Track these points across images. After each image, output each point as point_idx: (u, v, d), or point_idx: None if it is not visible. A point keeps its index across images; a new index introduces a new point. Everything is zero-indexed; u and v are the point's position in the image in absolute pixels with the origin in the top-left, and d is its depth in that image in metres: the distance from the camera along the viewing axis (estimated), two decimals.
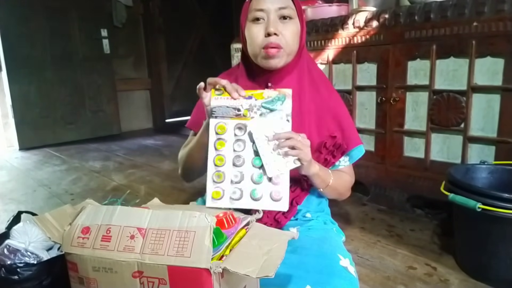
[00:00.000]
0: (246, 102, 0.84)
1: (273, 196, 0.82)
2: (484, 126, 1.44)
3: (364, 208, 1.82)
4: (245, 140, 0.84)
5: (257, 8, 0.90)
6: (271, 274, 0.58)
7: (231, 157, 0.84)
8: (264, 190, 0.82)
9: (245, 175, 0.83)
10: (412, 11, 1.52)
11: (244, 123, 0.84)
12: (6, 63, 3.36)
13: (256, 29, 0.90)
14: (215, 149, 0.84)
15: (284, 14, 0.90)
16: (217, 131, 0.84)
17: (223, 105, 0.84)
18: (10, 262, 0.93)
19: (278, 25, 0.89)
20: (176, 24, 4.67)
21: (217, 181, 0.83)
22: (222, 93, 0.84)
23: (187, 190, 2.21)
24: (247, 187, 0.83)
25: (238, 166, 0.83)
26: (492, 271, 1.18)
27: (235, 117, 0.84)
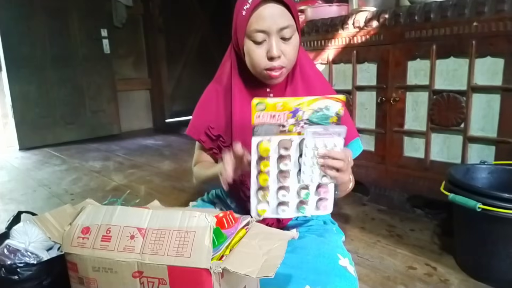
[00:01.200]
0: (292, 116, 0.77)
1: (319, 207, 0.84)
2: (484, 126, 1.44)
3: (364, 208, 1.82)
4: (290, 156, 0.80)
5: (257, 29, 0.85)
6: (271, 274, 0.58)
7: (275, 174, 0.81)
8: (310, 203, 0.84)
9: (291, 190, 0.83)
10: (412, 11, 1.52)
11: (289, 139, 0.79)
12: (6, 63, 3.36)
13: (258, 50, 0.88)
14: (257, 169, 0.80)
15: (285, 35, 0.86)
16: (260, 152, 0.79)
17: (266, 123, 0.77)
18: (10, 262, 0.93)
19: (280, 45, 0.87)
20: (176, 24, 4.67)
21: (262, 200, 0.82)
22: (264, 109, 0.76)
23: (187, 190, 2.21)
24: (294, 201, 0.83)
25: (283, 183, 0.81)
26: (492, 271, 1.18)
27: (279, 134, 0.79)
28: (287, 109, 0.76)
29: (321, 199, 0.84)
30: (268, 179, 0.81)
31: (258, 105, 0.75)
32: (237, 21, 0.91)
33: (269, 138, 0.79)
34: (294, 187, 0.83)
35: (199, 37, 4.98)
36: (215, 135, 1.02)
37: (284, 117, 0.77)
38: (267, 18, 0.84)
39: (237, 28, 0.91)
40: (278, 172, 0.81)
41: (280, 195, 0.82)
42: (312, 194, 0.83)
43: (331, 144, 0.78)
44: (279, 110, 0.76)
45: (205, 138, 1.03)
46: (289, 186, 0.82)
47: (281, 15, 0.85)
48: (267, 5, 0.84)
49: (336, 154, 0.78)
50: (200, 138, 1.04)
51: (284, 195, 0.82)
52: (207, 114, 1.03)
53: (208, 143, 1.04)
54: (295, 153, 0.81)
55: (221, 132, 1.01)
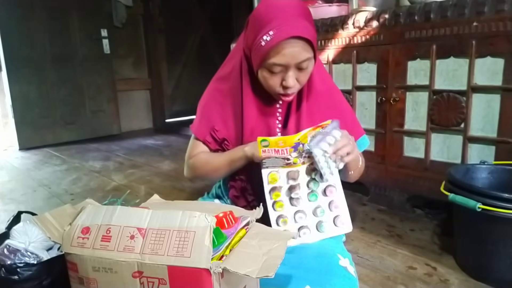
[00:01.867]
0: (294, 149, 0.86)
1: (336, 223, 0.90)
2: (484, 126, 1.44)
3: (364, 208, 1.82)
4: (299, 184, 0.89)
5: (277, 63, 0.84)
6: (271, 274, 0.58)
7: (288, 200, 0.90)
8: (328, 220, 0.90)
9: (307, 213, 0.90)
10: (412, 11, 1.52)
11: (296, 170, 0.88)
12: (6, 63, 3.36)
13: (273, 79, 0.88)
14: (271, 198, 0.89)
15: (302, 67, 0.86)
16: (270, 181, 0.88)
17: (271, 156, 0.86)
18: (10, 262, 0.93)
19: (296, 74, 0.87)
20: (176, 24, 4.67)
21: (283, 226, 0.88)
22: (268, 145, 0.85)
23: (187, 190, 2.21)
24: (312, 222, 0.90)
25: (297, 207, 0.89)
26: (492, 271, 1.18)
27: (286, 166, 0.88)
28: (288, 144, 0.85)
29: (337, 216, 0.90)
30: (283, 206, 0.89)
31: (262, 142, 0.85)
32: (253, 48, 0.87)
33: (277, 170, 0.88)
34: (309, 209, 0.90)
35: (199, 37, 4.98)
36: (220, 138, 1.02)
37: (287, 151, 0.85)
38: (288, 54, 0.82)
39: (253, 55, 0.88)
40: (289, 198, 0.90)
41: (297, 218, 0.89)
42: (327, 211, 0.90)
43: (333, 140, 0.84)
44: (281, 146, 0.85)
45: (211, 140, 1.03)
46: (304, 209, 0.89)
47: (302, 51, 0.83)
48: (289, 42, 0.81)
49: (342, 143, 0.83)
50: (205, 139, 1.03)
51: (301, 217, 0.89)
52: (212, 115, 1.03)
53: (213, 145, 1.03)
54: (304, 180, 0.89)
55: (226, 136, 1.01)
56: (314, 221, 0.90)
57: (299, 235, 0.88)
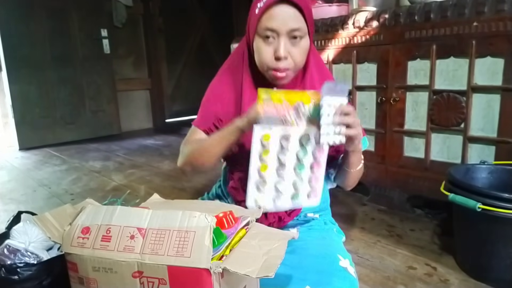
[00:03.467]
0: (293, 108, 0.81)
1: (310, 196, 0.85)
2: (484, 126, 1.44)
3: (364, 208, 1.82)
4: (289, 149, 0.84)
5: (268, 27, 0.86)
6: (271, 274, 0.58)
7: (275, 165, 0.84)
8: (303, 191, 0.85)
9: (288, 179, 0.85)
10: (412, 11, 1.52)
11: (290, 132, 0.83)
12: (6, 63, 3.36)
13: (266, 48, 0.88)
14: (259, 158, 0.83)
15: (295, 35, 0.86)
16: (262, 139, 0.83)
17: (269, 112, 0.81)
18: (10, 262, 0.93)
19: (288, 47, 0.87)
20: (176, 24, 4.67)
21: (261, 189, 0.84)
22: (269, 99, 0.80)
23: (187, 190, 2.21)
24: (289, 191, 0.85)
25: (281, 173, 0.84)
26: (492, 271, 1.18)
27: (282, 125, 0.82)
28: (290, 102, 0.80)
29: (311, 190, 0.86)
30: (268, 168, 0.83)
31: (264, 95, 0.79)
32: (250, 18, 0.91)
33: (271, 128, 0.82)
34: (291, 180, 0.85)
35: (199, 37, 4.98)
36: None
37: (287, 109, 0.80)
38: (278, 18, 0.85)
39: (250, 26, 0.91)
40: (277, 163, 0.84)
41: (277, 185, 0.84)
42: (305, 184, 0.85)
43: (339, 103, 0.81)
44: (282, 102, 0.80)
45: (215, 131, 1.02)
46: (286, 177, 0.84)
47: (293, 17, 0.85)
48: (280, 5, 0.84)
49: (347, 109, 0.80)
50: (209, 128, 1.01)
51: (279, 182, 0.84)
52: (216, 105, 1.02)
53: None
54: (295, 146, 0.83)
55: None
56: (291, 191, 0.85)
57: (273, 201, 0.84)
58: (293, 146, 0.84)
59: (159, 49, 4.52)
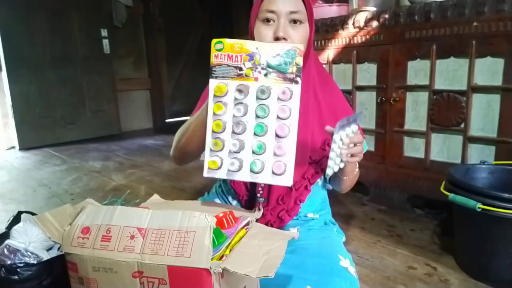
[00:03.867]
0: (249, 58, 0.74)
1: (274, 170, 0.74)
2: (484, 126, 1.44)
3: (364, 208, 1.82)
4: (246, 104, 0.75)
5: (268, 9, 0.88)
6: (271, 274, 0.58)
7: (231, 123, 0.75)
8: (266, 162, 0.74)
9: (246, 144, 0.75)
10: (412, 11, 1.52)
11: (246, 85, 0.74)
12: (6, 63, 3.36)
13: (266, 30, 0.89)
14: (213, 113, 0.75)
15: (294, 18, 0.88)
16: (215, 92, 0.75)
17: (223, 64, 0.75)
18: (10, 262, 0.93)
19: (287, 29, 0.88)
20: (176, 24, 4.67)
21: (214, 150, 0.75)
22: (222, 49, 0.74)
23: (187, 190, 2.21)
24: (247, 158, 0.75)
25: (237, 133, 0.75)
26: (492, 271, 1.18)
27: (237, 78, 0.75)
28: (244, 51, 0.74)
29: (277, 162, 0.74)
30: (221, 125, 0.75)
31: (217, 45, 0.75)
32: (252, 7, 0.93)
33: (226, 83, 0.76)
34: (249, 142, 0.75)
35: (199, 37, 4.98)
36: None
37: (241, 59, 0.75)
38: (279, 0, 0.87)
39: (251, 14, 0.93)
40: (233, 122, 0.75)
41: (231, 145, 0.75)
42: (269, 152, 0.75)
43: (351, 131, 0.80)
44: (236, 51, 0.74)
45: None
46: (244, 140, 0.75)
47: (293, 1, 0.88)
48: None
49: (357, 139, 0.81)
50: None
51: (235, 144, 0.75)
52: None
53: None
54: (252, 101, 0.75)
55: None
56: (249, 156, 0.75)
57: (228, 169, 0.75)
58: (251, 101, 0.75)
59: (159, 49, 4.52)
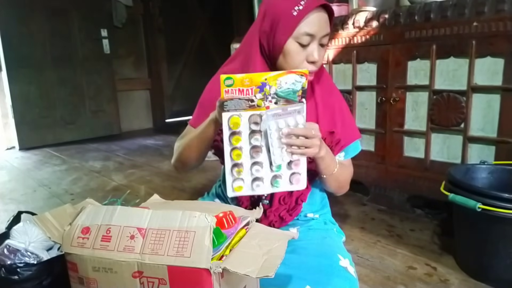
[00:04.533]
0: (259, 90, 0.79)
1: (293, 181, 0.84)
2: (484, 126, 1.44)
3: (364, 208, 1.82)
4: (261, 132, 0.81)
5: (308, 32, 0.87)
6: (271, 274, 0.58)
7: (248, 149, 0.82)
8: (283, 175, 0.84)
9: (264, 166, 0.83)
10: (412, 11, 1.52)
11: (259, 114, 0.80)
12: (6, 63, 3.36)
13: (300, 52, 0.89)
14: (230, 144, 0.81)
15: (324, 42, 0.90)
16: (231, 126, 0.80)
17: (235, 98, 0.79)
18: (10, 262, 0.93)
19: (318, 52, 0.90)
20: (176, 24, 4.67)
21: (237, 176, 0.82)
22: (233, 84, 0.78)
23: (187, 190, 2.21)
24: (267, 176, 0.83)
25: (256, 158, 0.82)
26: (492, 271, 1.18)
27: (249, 109, 0.80)
28: (254, 84, 0.78)
29: (294, 173, 0.84)
30: (241, 154, 0.81)
31: (226, 81, 0.77)
32: (282, 19, 0.89)
33: (239, 114, 0.80)
34: (267, 163, 0.83)
35: (199, 37, 4.98)
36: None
37: (252, 92, 0.78)
38: (317, 24, 0.87)
39: (282, 27, 0.89)
40: (250, 147, 0.82)
41: (254, 171, 0.82)
42: (285, 168, 0.84)
43: (293, 123, 0.80)
44: (246, 85, 0.78)
45: None
46: (262, 161, 0.83)
47: (326, 23, 0.89)
48: (319, 11, 0.87)
49: (297, 131, 0.79)
50: None
51: (258, 170, 0.82)
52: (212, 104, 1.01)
53: None
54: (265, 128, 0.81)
55: None
56: (269, 175, 0.84)
57: (252, 187, 0.83)
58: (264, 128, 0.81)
59: (159, 49, 4.52)
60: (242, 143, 0.82)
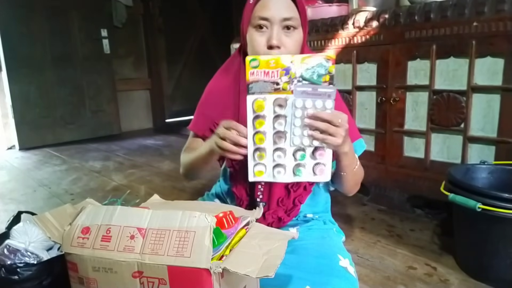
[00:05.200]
0: (285, 73, 0.77)
1: (316, 172, 0.81)
2: (484, 126, 1.44)
3: (364, 208, 1.82)
4: (286, 116, 0.79)
5: (261, 15, 0.86)
6: (271, 274, 0.58)
7: (271, 134, 0.80)
8: (306, 165, 0.81)
9: (287, 152, 0.81)
10: (412, 11, 1.52)
11: (284, 98, 0.78)
12: (6, 63, 3.36)
13: (259, 38, 0.87)
14: (253, 128, 0.79)
15: (288, 24, 0.86)
16: (255, 108, 0.78)
17: (260, 80, 0.77)
18: (10, 262, 0.93)
19: (281, 36, 0.86)
20: (176, 24, 4.67)
21: (259, 161, 0.81)
22: (258, 66, 0.76)
23: (187, 190, 2.21)
24: (290, 163, 0.81)
25: (279, 144, 0.80)
26: (492, 271, 1.18)
27: (274, 92, 0.78)
28: (280, 66, 0.76)
29: (318, 164, 0.81)
30: (264, 139, 0.80)
31: (252, 62, 0.76)
32: (244, 10, 0.91)
33: (264, 97, 0.78)
34: (290, 149, 0.81)
35: (199, 37, 4.98)
36: None
37: (278, 74, 0.77)
38: (272, 7, 0.85)
39: (244, 17, 0.91)
40: (274, 132, 0.80)
41: (276, 157, 0.80)
42: (308, 157, 0.81)
43: (320, 105, 0.77)
44: (272, 67, 0.76)
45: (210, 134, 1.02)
46: (285, 148, 0.81)
47: (286, 6, 0.86)
48: None
49: (324, 115, 0.76)
50: (204, 135, 1.02)
51: (279, 156, 0.80)
52: (212, 108, 1.02)
53: None
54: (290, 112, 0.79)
55: None
56: (292, 163, 0.81)
57: (273, 174, 0.81)
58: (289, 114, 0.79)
59: (159, 49, 4.52)
60: (266, 127, 0.80)
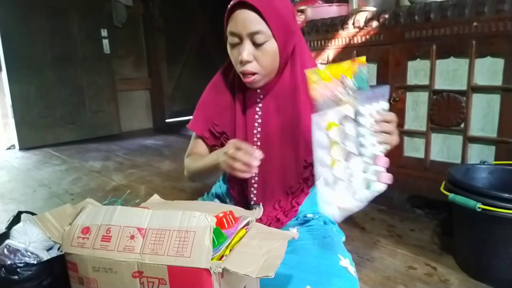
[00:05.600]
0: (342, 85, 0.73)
1: (380, 177, 0.79)
2: (484, 126, 1.44)
3: (364, 208, 1.82)
4: (351, 133, 0.76)
5: (231, 31, 0.87)
6: (271, 274, 0.58)
7: (343, 156, 0.76)
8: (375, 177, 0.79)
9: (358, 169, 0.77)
10: (412, 11, 1.52)
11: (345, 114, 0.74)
12: (6, 63, 3.36)
13: (233, 52, 0.89)
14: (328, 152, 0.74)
15: (256, 41, 0.86)
16: (327, 130, 0.74)
17: (323, 95, 0.72)
18: (10, 262, 0.93)
19: (251, 50, 0.86)
20: (176, 24, 4.67)
21: (335, 188, 0.75)
22: (318, 80, 0.72)
23: (187, 190, 2.21)
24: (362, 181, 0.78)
25: (350, 163, 0.76)
26: (492, 271, 1.18)
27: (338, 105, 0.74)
28: (335, 76, 0.74)
29: (381, 172, 0.79)
30: (336, 161, 0.75)
31: (312, 76, 0.73)
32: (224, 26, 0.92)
33: (329, 114, 0.74)
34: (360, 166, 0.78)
35: (199, 37, 4.98)
36: (219, 132, 1.01)
37: (336, 85, 0.74)
38: (239, 22, 0.85)
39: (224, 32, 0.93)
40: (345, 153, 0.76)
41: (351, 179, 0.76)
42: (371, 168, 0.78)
43: (380, 107, 0.75)
44: (329, 79, 0.74)
45: (209, 135, 1.02)
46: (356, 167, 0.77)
47: (252, 21, 0.84)
48: (240, 9, 0.85)
49: (389, 117, 0.76)
50: (203, 135, 1.03)
51: (353, 177, 0.76)
52: (211, 109, 1.02)
53: (211, 140, 1.03)
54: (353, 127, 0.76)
55: (225, 129, 1.00)
56: (364, 180, 0.77)
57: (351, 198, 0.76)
58: (351, 127, 0.75)
59: (159, 49, 4.51)
60: (337, 149, 0.75)
